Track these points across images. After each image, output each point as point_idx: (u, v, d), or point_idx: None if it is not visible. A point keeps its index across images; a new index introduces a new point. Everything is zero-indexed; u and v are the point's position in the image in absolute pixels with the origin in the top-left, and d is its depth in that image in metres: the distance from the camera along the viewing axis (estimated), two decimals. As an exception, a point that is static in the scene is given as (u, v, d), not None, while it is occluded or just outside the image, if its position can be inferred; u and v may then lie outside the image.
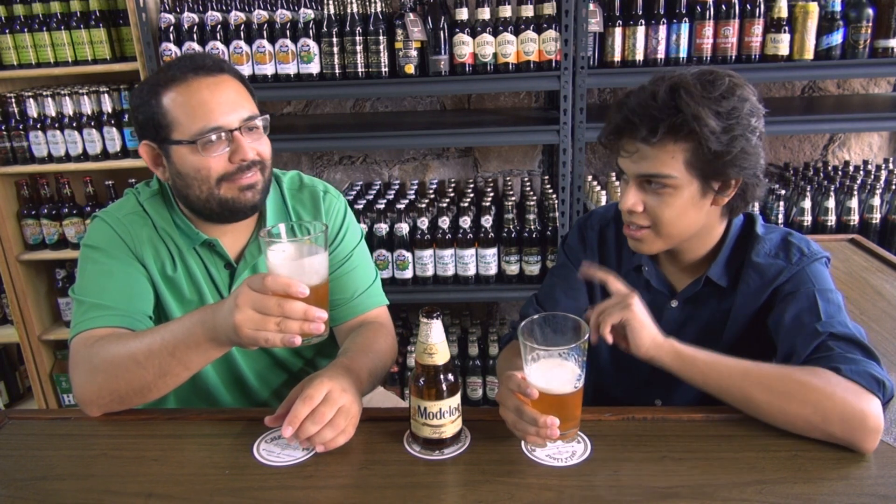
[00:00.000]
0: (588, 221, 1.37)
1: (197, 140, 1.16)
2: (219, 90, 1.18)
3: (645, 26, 2.22)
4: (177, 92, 1.17)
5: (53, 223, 2.58)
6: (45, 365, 2.76)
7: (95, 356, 1.11)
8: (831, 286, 1.13)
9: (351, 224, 1.42)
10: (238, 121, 1.19)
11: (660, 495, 0.90)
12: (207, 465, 1.00)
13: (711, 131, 1.04)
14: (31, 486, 0.97)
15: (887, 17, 2.19)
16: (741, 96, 1.07)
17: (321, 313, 0.96)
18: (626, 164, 1.14)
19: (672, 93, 1.06)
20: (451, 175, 2.87)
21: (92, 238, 1.27)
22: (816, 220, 2.35)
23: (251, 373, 1.38)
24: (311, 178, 1.44)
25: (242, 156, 1.19)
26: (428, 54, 2.24)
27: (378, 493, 0.93)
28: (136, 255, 1.26)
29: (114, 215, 1.29)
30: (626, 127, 1.10)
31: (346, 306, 1.37)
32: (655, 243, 1.17)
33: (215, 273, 1.31)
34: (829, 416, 0.96)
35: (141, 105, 1.20)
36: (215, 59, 1.23)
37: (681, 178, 1.09)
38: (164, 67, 1.23)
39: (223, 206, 1.22)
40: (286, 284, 0.94)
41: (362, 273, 1.40)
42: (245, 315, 0.95)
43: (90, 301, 1.20)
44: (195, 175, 1.20)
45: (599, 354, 1.35)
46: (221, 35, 2.27)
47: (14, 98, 2.49)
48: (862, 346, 1.03)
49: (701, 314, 1.24)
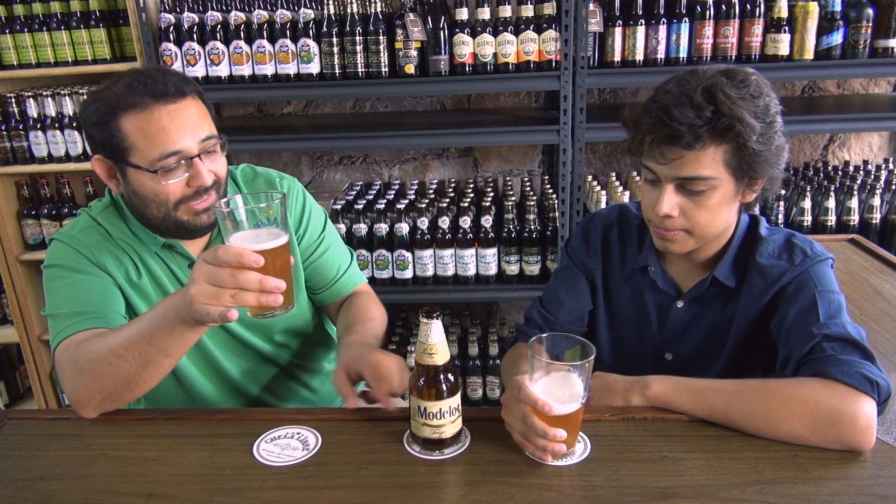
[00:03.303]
0: (591, 223, 1.36)
1: (157, 169, 1.15)
2: (179, 116, 1.16)
3: (645, 26, 2.22)
4: (137, 118, 1.14)
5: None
6: (45, 365, 2.76)
7: (79, 358, 1.11)
8: (834, 288, 1.13)
9: (313, 206, 1.43)
10: (197, 145, 1.18)
11: (660, 495, 0.90)
12: (207, 466, 1.00)
13: (753, 131, 1.04)
14: (31, 486, 0.97)
15: (887, 17, 2.19)
16: (768, 94, 1.08)
17: (278, 282, 0.92)
18: (662, 170, 1.11)
19: (709, 95, 1.05)
20: (451, 175, 2.86)
21: (52, 259, 1.26)
22: (816, 221, 2.35)
23: (237, 370, 1.38)
24: (264, 168, 1.43)
25: (201, 182, 1.18)
26: (428, 54, 2.24)
27: (378, 493, 0.93)
28: (99, 265, 1.24)
29: (69, 234, 1.27)
30: (667, 135, 1.07)
31: (331, 289, 1.41)
32: (688, 243, 1.16)
33: (179, 273, 1.30)
34: (818, 426, 0.96)
35: (97, 123, 1.17)
36: (176, 83, 1.17)
37: (720, 178, 1.09)
38: (121, 86, 1.16)
39: (179, 227, 1.23)
40: (237, 254, 0.91)
41: (338, 252, 1.44)
42: (199, 288, 0.92)
43: (64, 312, 1.19)
44: (153, 198, 1.19)
45: (602, 354, 1.35)
46: (221, 35, 2.27)
47: (14, 98, 2.49)
48: (858, 346, 1.02)
49: (706, 315, 1.24)
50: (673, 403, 1.06)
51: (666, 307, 1.26)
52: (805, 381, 1.00)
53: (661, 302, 1.27)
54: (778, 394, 0.99)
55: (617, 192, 2.44)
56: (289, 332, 1.43)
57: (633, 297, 1.30)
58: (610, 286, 1.33)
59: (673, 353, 1.28)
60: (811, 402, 0.97)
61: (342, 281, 1.43)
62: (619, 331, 1.34)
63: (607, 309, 1.34)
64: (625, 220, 1.33)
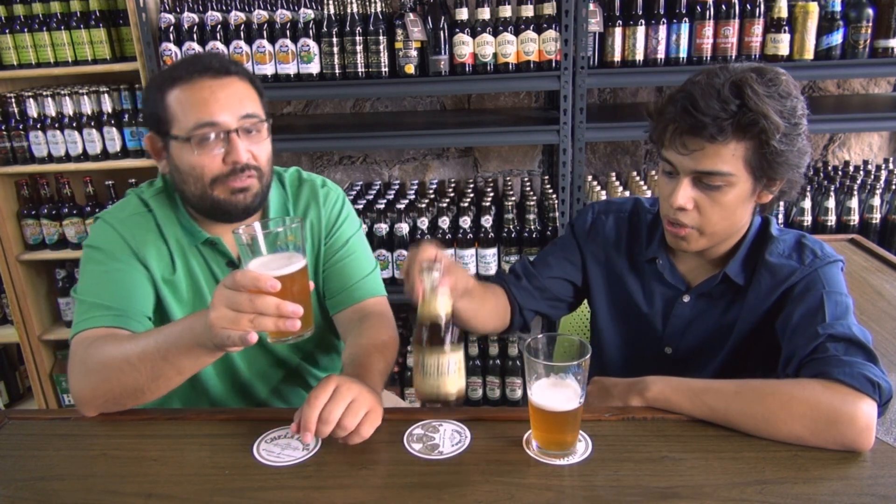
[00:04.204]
0: (607, 207, 1.37)
1: (191, 137, 1.17)
2: (221, 89, 1.18)
3: (645, 26, 2.22)
4: (180, 90, 1.18)
5: (53, 223, 2.58)
6: (45, 365, 2.76)
7: (91, 357, 1.12)
8: (842, 290, 1.13)
9: (349, 215, 1.43)
10: (235, 120, 1.19)
11: (660, 495, 0.90)
12: (207, 465, 1.00)
13: (777, 129, 1.04)
14: (31, 486, 0.97)
15: (887, 17, 2.19)
16: (796, 95, 1.08)
17: (295, 308, 0.92)
18: (682, 161, 1.11)
19: (737, 90, 1.05)
20: (451, 175, 2.86)
21: (94, 239, 1.27)
22: (816, 220, 2.35)
23: (251, 372, 1.38)
24: (310, 174, 1.44)
25: (235, 157, 1.18)
26: (428, 54, 2.25)
27: (378, 493, 0.93)
28: (138, 256, 1.26)
29: (116, 216, 1.28)
30: (691, 125, 1.07)
31: (344, 292, 1.37)
32: (699, 241, 1.17)
33: (218, 271, 1.31)
34: (817, 427, 0.96)
35: (147, 98, 1.23)
36: (223, 61, 1.22)
37: (738, 175, 1.09)
38: (174, 65, 1.24)
39: (215, 207, 1.23)
40: (255, 278, 0.91)
41: (360, 262, 1.40)
42: (218, 313, 0.93)
43: (90, 301, 1.21)
44: (190, 172, 1.21)
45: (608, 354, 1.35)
46: (221, 35, 2.27)
47: (14, 98, 2.49)
48: (863, 347, 1.02)
49: (711, 312, 1.24)
50: (672, 404, 1.06)
51: (672, 301, 1.27)
52: (805, 381, 1.00)
53: (668, 295, 1.27)
54: (777, 395, 0.99)
55: (617, 192, 2.44)
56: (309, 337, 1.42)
57: (641, 287, 1.30)
58: (616, 274, 1.33)
59: (673, 347, 1.28)
60: (811, 403, 0.97)
61: (355, 286, 1.38)
62: (622, 320, 1.34)
63: (611, 296, 1.34)
64: (637, 213, 1.34)
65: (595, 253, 1.34)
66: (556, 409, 0.96)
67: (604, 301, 1.34)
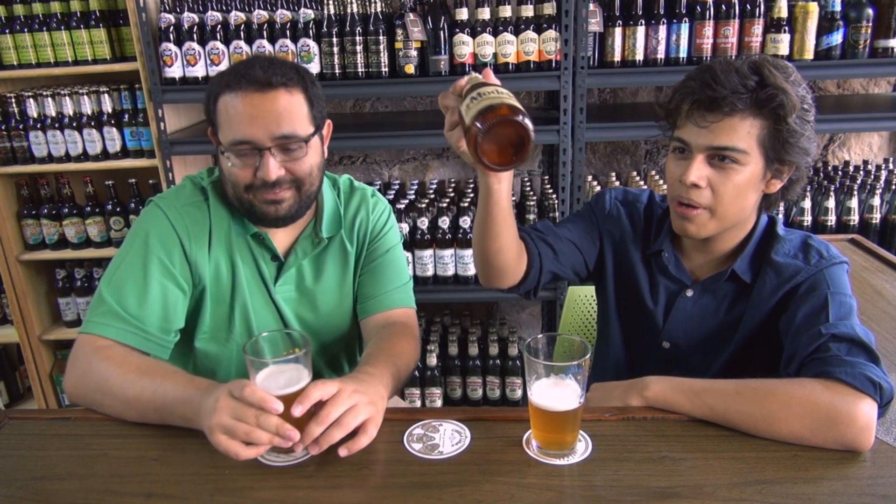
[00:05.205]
0: (625, 197, 1.38)
1: (226, 150, 1.20)
2: (261, 104, 1.17)
3: (645, 26, 2.22)
4: (227, 98, 1.19)
5: (53, 223, 2.58)
6: (45, 365, 2.76)
7: (92, 369, 1.13)
8: (847, 291, 1.13)
9: (393, 226, 1.44)
10: (270, 139, 1.18)
11: (660, 495, 0.90)
12: (207, 465, 1.00)
13: (794, 107, 1.07)
14: (31, 486, 0.97)
15: (887, 17, 2.19)
16: (806, 88, 1.12)
17: (293, 433, 0.94)
18: (698, 137, 1.12)
19: (756, 68, 1.09)
20: (451, 175, 2.86)
21: (144, 223, 1.26)
22: (816, 220, 2.35)
23: None
24: (360, 183, 1.46)
25: (264, 175, 1.19)
26: (428, 54, 2.25)
27: (378, 493, 0.93)
28: (185, 248, 1.26)
29: (172, 203, 1.28)
30: (710, 97, 1.09)
31: (375, 299, 1.37)
32: (708, 225, 1.17)
33: (263, 265, 1.32)
34: (817, 427, 0.96)
35: (208, 94, 1.24)
36: (270, 71, 1.18)
37: (751, 154, 1.10)
38: (231, 67, 1.23)
39: (251, 212, 1.25)
40: (262, 399, 0.94)
41: (395, 272, 1.41)
42: (219, 420, 0.94)
43: (113, 306, 1.20)
44: (228, 176, 1.24)
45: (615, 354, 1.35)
46: (221, 35, 2.27)
47: (14, 98, 2.49)
48: (865, 348, 1.02)
49: (715, 309, 1.25)
50: (672, 404, 1.06)
51: (674, 295, 1.27)
52: (805, 381, 1.00)
53: (672, 289, 1.28)
54: (778, 394, 0.99)
55: (617, 191, 2.44)
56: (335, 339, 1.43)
57: (647, 278, 1.31)
58: (628, 265, 1.33)
59: (671, 342, 1.28)
60: (811, 402, 0.97)
61: (385, 295, 1.38)
62: (626, 313, 1.35)
63: (619, 286, 1.35)
64: (651, 206, 1.35)
65: (613, 237, 1.35)
66: (556, 409, 0.96)
67: (612, 290, 1.35)
